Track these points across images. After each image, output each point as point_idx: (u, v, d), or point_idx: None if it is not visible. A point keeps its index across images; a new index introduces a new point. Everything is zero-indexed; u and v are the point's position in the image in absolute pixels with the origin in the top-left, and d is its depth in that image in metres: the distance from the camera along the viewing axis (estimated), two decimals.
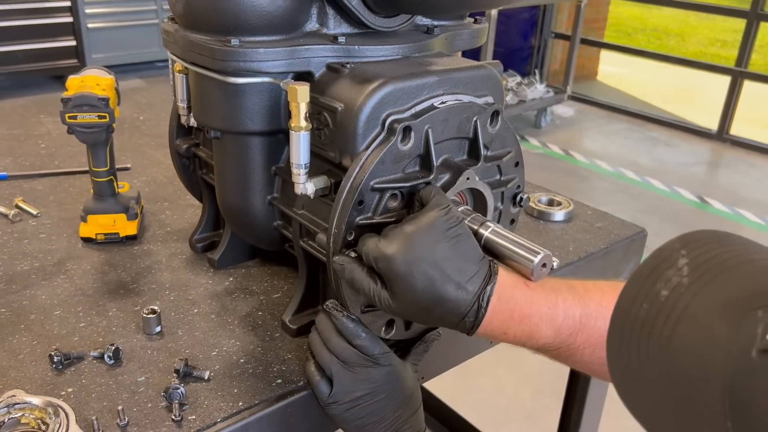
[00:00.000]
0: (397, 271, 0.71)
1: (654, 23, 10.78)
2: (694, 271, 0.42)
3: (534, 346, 0.75)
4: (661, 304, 0.42)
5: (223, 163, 0.94)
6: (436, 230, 0.72)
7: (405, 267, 0.71)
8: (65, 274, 1.06)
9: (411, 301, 0.72)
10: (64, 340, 0.91)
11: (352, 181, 0.78)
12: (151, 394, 0.82)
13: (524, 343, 0.76)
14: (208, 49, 0.80)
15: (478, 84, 0.87)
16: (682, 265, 0.43)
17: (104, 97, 1.04)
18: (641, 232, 1.31)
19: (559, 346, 0.74)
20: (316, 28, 0.87)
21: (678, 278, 0.42)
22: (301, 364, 0.88)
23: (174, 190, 1.36)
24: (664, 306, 0.42)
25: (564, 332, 0.73)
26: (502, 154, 0.91)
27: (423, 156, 0.82)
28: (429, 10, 0.90)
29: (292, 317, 0.94)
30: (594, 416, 1.45)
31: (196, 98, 0.91)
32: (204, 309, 1.00)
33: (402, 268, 0.71)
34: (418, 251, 0.71)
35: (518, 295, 0.73)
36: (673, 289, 0.42)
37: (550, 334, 0.73)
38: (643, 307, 0.43)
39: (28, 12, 5.08)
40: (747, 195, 4.46)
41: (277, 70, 0.81)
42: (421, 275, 0.70)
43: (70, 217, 1.24)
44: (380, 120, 0.79)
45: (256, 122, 0.86)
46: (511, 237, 0.80)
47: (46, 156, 1.52)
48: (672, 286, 0.42)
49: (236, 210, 0.97)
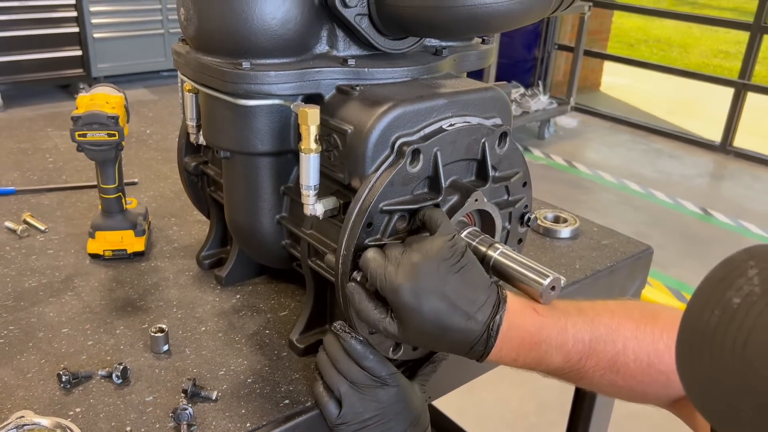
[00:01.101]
0: (404, 302, 0.71)
1: (657, 35, 10.81)
2: (765, 282, 0.43)
3: (544, 371, 0.76)
4: (734, 311, 0.43)
5: (232, 182, 0.95)
6: (444, 260, 0.72)
7: (413, 299, 0.71)
8: (73, 291, 1.07)
9: (419, 331, 0.72)
10: (72, 358, 0.91)
11: (361, 203, 0.79)
12: (159, 414, 0.82)
13: (534, 369, 0.76)
14: (219, 72, 0.81)
15: (487, 105, 0.88)
16: (752, 275, 0.44)
17: (114, 115, 1.04)
18: (647, 250, 1.31)
19: (570, 371, 0.75)
20: (326, 50, 0.87)
21: (749, 287, 0.43)
22: (308, 384, 0.88)
23: (181, 205, 1.37)
24: (737, 313, 0.43)
25: (574, 357, 0.74)
26: (510, 174, 0.91)
27: (432, 178, 0.82)
28: (438, 34, 0.91)
29: (299, 336, 0.95)
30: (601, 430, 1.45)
31: (206, 119, 0.91)
32: (211, 327, 1.00)
33: (410, 299, 0.71)
34: (426, 282, 0.71)
35: (528, 322, 0.73)
36: (744, 298, 0.43)
37: (559, 359, 0.74)
38: (715, 314, 0.44)
39: (34, 22, 5.12)
40: (750, 207, 4.45)
41: (288, 93, 0.82)
42: (430, 306, 0.70)
43: (77, 232, 1.24)
44: (389, 142, 0.79)
45: (266, 143, 0.86)
46: (520, 259, 0.80)
47: (54, 170, 1.52)
48: (743, 294, 0.43)
49: (245, 229, 0.97)
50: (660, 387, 0.76)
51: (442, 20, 0.80)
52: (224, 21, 0.79)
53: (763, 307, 0.42)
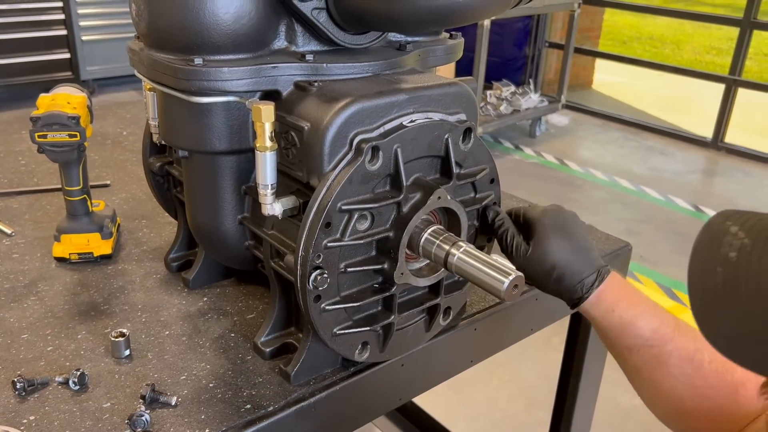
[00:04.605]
0: (544, 225, 0.84)
1: (649, 32, 10.80)
2: (750, 234, 0.47)
3: (631, 337, 0.79)
4: (735, 264, 0.46)
5: (192, 182, 0.93)
6: (572, 214, 0.88)
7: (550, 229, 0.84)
8: (36, 296, 1.04)
9: (543, 254, 0.83)
10: (30, 365, 0.89)
11: (319, 202, 0.77)
12: (115, 421, 0.80)
13: (623, 331, 0.80)
14: (172, 69, 0.79)
15: (450, 101, 0.86)
16: (735, 231, 0.48)
17: (75, 115, 1.02)
18: (626, 246, 1.30)
19: (653, 346, 0.78)
20: (284, 45, 0.85)
21: (738, 241, 0.47)
22: (272, 387, 0.86)
23: (153, 207, 1.34)
24: (739, 264, 0.46)
25: (660, 333, 0.78)
26: (476, 171, 0.89)
27: (393, 176, 0.80)
28: (398, 28, 0.89)
29: (264, 339, 0.92)
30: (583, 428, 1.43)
31: (162, 118, 0.89)
32: (175, 331, 0.98)
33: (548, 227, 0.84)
34: (562, 219, 0.86)
35: (628, 284, 0.83)
36: (739, 250, 0.47)
37: (649, 330, 0.79)
38: (718, 270, 0.47)
39: (22, 25, 5.08)
40: (742, 203, 4.44)
41: (243, 89, 0.80)
42: (560, 237, 0.83)
43: (45, 236, 1.22)
44: (348, 139, 0.77)
45: (224, 141, 0.84)
46: (483, 258, 0.78)
47: (26, 173, 1.50)
48: (737, 247, 0.47)
49: (207, 230, 0.95)
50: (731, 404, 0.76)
51: (401, 13, 0.78)
52: (175, 16, 0.77)
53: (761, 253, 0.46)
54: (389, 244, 0.82)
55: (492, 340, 1.10)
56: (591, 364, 1.34)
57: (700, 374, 0.76)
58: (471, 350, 1.06)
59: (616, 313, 0.80)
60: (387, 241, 0.82)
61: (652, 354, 0.78)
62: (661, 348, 0.78)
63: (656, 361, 0.78)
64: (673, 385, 0.78)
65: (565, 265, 0.82)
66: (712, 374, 0.76)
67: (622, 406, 2.45)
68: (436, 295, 0.91)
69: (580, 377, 1.34)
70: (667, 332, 0.78)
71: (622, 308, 0.80)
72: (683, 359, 0.77)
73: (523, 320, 1.15)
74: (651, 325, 0.79)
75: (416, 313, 0.91)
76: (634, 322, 0.79)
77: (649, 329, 0.79)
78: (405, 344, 0.91)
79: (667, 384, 0.78)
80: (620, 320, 0.80)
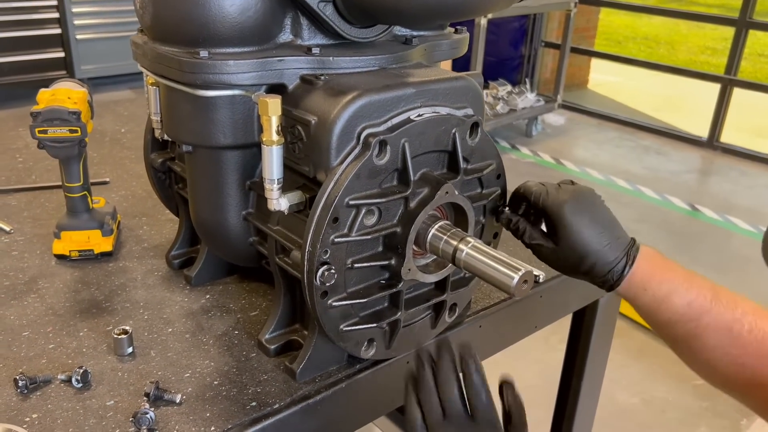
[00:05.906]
0: (566, 216, 0.80)
1: (644, 32, 10.83)
2: None
3: (665, 312, 0.77)
4: None
5: (195, 178, 0.92)
6: (595, 194, 0.84)
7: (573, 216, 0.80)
8: (36, 293, 1.03)
9: (570, 250, 0.80)
10: (32, 362, 0.88)
11: (326, 197, 0.76)
12: (119, 419, 0.79)
13: (658, 308, 0.78)
14: (176, 62, 0.78)
15: (457, 95, 0.85)
16: None
17: (75, 110, 1.01)
18: None
19: (688, 322, 0.76)
20: (290, 39, 0.84)
21: None
22: (277, 385, 0.85)
23: (153, 204, 1.33)
24: None
25: (695, 306, 0.76)
26: (483, 166, 0.88)
27: (400, 170, 0.79)
28: (405, 21, 0.88)
29: (268, 337, 0.91)
30: (585, 428, 1.42)
31: (166, 112, 0.88)
32: (179, 328, 0.96)
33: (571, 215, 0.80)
34: (584, 204, 0.81)
35: (659, 258, 0.80)
36: None
37: (683, 304, 0.77)
38: None
39: (16, 24, 5.05)
40: (738, 202, 4.45)
41: (249, 83, 0.78)
42: (585, 224, 0.80)
43: (44, 233, 1.21)
44: (355, 133, 0.76)
45: (229, 136, 0.83)
46: (492, 253, 0.78)
47: (23, 170, 1.49)
48: None
49: (210, 226, 0.94)
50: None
51: (408, 6, 0.77)
52: (181, 8, 0.76)
53: None
54: (397, 239, 0.81)
55: (497, 337, 1.10)
56: (593, 363, 1.33)
57: (738, 343, 0.75)
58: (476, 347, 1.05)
59: (648, 292, 0.79)
60: (394, 237, 0.81)
61: (689, 329, 0.77)
62: (698, 321, 0.76)
63: (692, 335, 0.77)
64: (711, 356, 0.77)
65: (595, 255, 0.79)
66: (751, 342, 0.74)
67: (620, 404, 2.44)
68: (442, 291, 0.90)
69: (582, 376, 1.34)
70: (703, 304, 0.76)
71: (654, 286, 0.78)
72: (720, 330, 0.75)
73: (528, 318, 1.15)
74: (685, 299, 0.77)
75: (422, 310, 0.90)
76: (667, 298, 0.78)
77: (684, 303, 0.77)
78: (411, 341, 0.90)
79: (705, 356, 0.77)
80: (653, 298, 0.78)
